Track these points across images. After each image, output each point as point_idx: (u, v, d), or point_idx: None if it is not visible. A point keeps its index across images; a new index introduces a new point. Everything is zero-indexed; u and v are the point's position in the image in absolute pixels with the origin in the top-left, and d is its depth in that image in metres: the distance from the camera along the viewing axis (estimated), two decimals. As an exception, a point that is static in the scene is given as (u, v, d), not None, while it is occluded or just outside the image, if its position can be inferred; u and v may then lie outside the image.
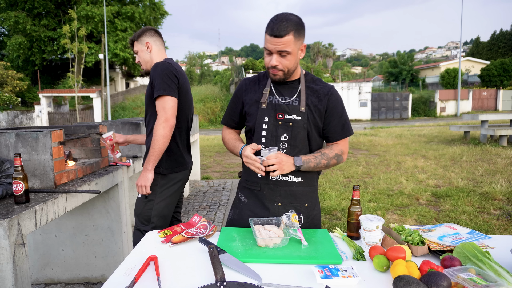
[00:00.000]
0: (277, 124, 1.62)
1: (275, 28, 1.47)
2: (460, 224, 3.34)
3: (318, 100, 1.65)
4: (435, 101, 28.08)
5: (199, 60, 57.10)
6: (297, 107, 1.62)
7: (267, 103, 1.64)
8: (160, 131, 2.02)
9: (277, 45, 1.49)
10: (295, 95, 1.64)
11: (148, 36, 2.27)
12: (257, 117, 1.64)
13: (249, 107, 1.69)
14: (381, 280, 1.15)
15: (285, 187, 1.65)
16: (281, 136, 1.62)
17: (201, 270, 1.22)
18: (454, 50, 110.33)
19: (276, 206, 1.66)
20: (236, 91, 1.78)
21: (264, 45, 1.54)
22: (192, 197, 5.66)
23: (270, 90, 1.66)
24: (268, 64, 1.55)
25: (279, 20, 1.48)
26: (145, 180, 2.09)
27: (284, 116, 1.62)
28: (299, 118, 1.61)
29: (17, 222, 1.61)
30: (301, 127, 1.62)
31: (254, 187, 1.70)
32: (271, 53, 1.53)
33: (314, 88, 1.67)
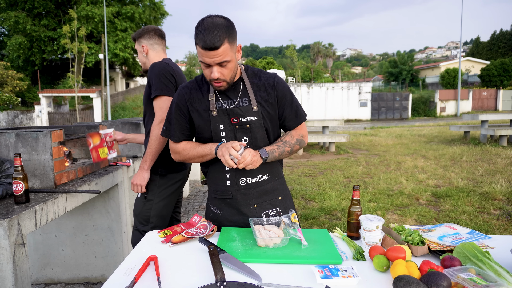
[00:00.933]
0: (234, 129, 1.56)
1: (207, 41, 1.35)
2: (460, 224, 3.34)
3: (267, 94, 1.59)
4: (435, 101, 28.09)
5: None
6: (249, 107, 1.56)
7: (217, 110, 1.55)
8: (157, 131, 2.02)
9: (215, 58, 1.39)
10: (239, 94, 1.57)
11: (146, 38, 2.25)
12: (212, 126, 1.55)
13: (199, 117, 1.57)
14: (381, 280, 1.15)
15: (256, 188, 1.63)
16: (241, 140, 1.57)
17: (201, 270, 1.22)
18: (454, 50, 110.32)
19: (252, 209, 1.64)
20: (177, 102, 1.61)
21: (200, 58, 1.43)
22: (192, 197, 5.65)
23: (215, 96, 1.57)
24: (209, 77, 1.46)
25: (208, 30, 1.36)
26: (141, 179, 2.09)
27: (239, 119, 1.55)
28: (254, 119, 1.56)
29: (17, 222, 1.61)
30: (259, 126, 1.57)
31: (225, 196, 1.64)
32: (209, 65, 1.43)
33: (259, 83, 1.61)
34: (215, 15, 1.43)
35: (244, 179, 1.62)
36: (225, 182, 1.63)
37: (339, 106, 26.33)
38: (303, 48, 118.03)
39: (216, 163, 1.62)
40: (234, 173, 1.61)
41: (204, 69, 1.47)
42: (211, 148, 1.54)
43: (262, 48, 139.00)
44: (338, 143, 11.29)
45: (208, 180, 1.74)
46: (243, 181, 1.61)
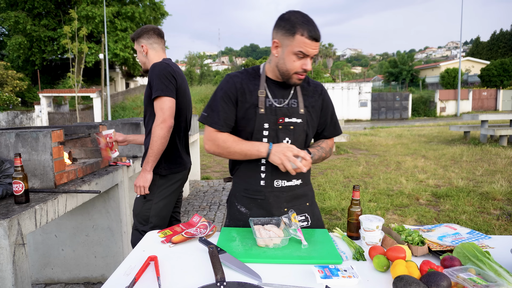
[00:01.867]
0: (278, 129, 1.54)
1: (313, 31, 1.38)
2: (460, 224, 3.34)
3: (314, 100, 1.62)
4: (435, 101, 28.09)
5: (199, 60, 57.11)
6: (296, 109, 1.56)
7: (265, 108, 1.52)
8: (158, 131, 2.02)
9: (316, 49, 1.42)
10: (289, 96, 1.57)
11: (145, 38, 2.25)
12: (256, 124, 1.52)
13: (245, 111, 1.53)
14: (381, 280, 1.15)
15: (289, 192, 1.62)
16: (283, 141, 1.55)
17: (201, 270, 1.22)
18: (454, 50, 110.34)
19: (283, 212, 1.63)
20: (225, 89, 1.54)
21: (298, 49, 1.40)
22: (192, 197, 5.65)
23: (265, 93, 1.55)
24: (300, 68, 1.44)
25: (312, 22, 1.40)
26: (143, 180, 2.09)
27: (284, 119, 1.54)
28: (299, 121, 1.56)
29: (17, 222, 1.61)
30: (302, 130, 1.57)
31: (257, 196, 1.61)
32: (304, 56, 1.42)
33: (308, 88, 1.64)
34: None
35: (280, 182, 1.59)
36: (259, 182, 1.59)
37: (339, 106, 26.32)
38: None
39: (250, 162, 1.57)
40: (270, 174, 1.57)
41: (295, 61, 1.43)
42: (259, 149, 1.47)
43: (262, 48, 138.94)
44: (338, 143, 11.29)
45: (236, 177, 1.68)
46: (278, 183, 1.59)
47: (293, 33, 1.40)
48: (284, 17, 1.44)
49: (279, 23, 1.45)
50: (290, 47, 1.42)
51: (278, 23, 1.46)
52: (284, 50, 1.45)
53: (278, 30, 1.45)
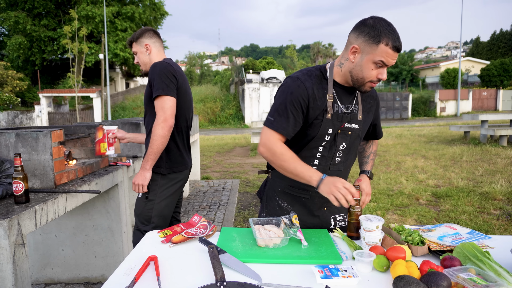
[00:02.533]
0: (337, 133, 1.51)
1: (398, 42, 1.33)
2: (460, 224, 3.34)
3: (370, 106, 1.63)
4: (435, 101, 28.08)
5: (199, 60, 57.08)
6: (355, 115, 1.53)
7: (332, 113, 1.48)
8: (158, 131, 2.02)
9: (395, 60, 1.37)
10: (354, 102, 1.55)
11: (147, 37, 2.26)
12: (321, 128, 1.47)
13: (314, 116, 1.47)
14: (381, 280, 1.15)
15: None
16: (339, 145, 1.53)
17: (201, 270, 1.22)
18: (454, 50, 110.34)
19: (323, 211, 1.66)
20: (296, 95, 1.45)
21: (379, 58, 1.34)
22: (192, 197, 5.65)
23: (334, 98, 1.50)
24: (375, 77, 1.39)
25: (396, 33, 1.34)
26: (142, 179, 2.09)
27: (344, 125, 1.51)
28: (356, 127, 1.55)
29: (17, 222, 1.61)
30: (357, 135, 1.57)
31: (302, 194, 1.61)
32: (383, 66, 1.37)
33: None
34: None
35: None
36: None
37: (339, 106, 26.28)
38: (303, 48, 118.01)
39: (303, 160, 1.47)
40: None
41: (373, 70, 1.38)
42: (311, 176, 1.39)
43: (262, 48, 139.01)
44: None
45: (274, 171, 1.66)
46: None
47: (377, 42, 1.33)
48: (368, 23, 1.35)
49: (362, 29, 1.36)
50: (372, 55, 1.35)
51: (360, 28, 1.37)
52: (363, 57, 1.38)
53: (360, 35, 1.36)
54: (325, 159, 1.55)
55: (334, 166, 1.58)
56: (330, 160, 1.56)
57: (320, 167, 1.56)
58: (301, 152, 1.54)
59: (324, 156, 1.54)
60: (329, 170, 1.57)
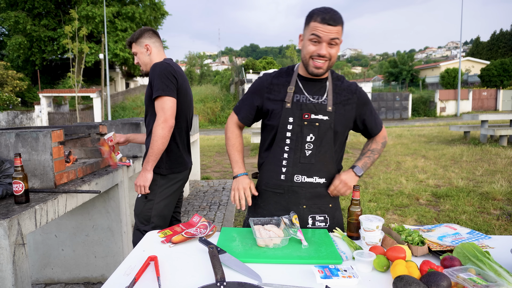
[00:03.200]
0: (303, 125, 1.56)
1: (327, 17, 1.42)
2: (460, 224, 3.34)
3: (347, 98, 1.62)
4: (435, 101, 28.08)
5: (199, 60, 57.08)
6: (324, 106, 1.57)
7: (292, 102, 1.57)
8: (159, 131, 2.02)
9: (330, 33, 1.43)
10: (325, 94, 1.59)
11: (147, 37, 2.25)
12: (281, 117, 1.57)
13: (272, 106, 1.60)
14: (381, 280, 1.15)
15: (310, 189, 1.62)
16: (306, 137, 1.57)
17: (201, 270, 1.22)
18: (454, 50, 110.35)
19: (301, 208, 1.63)
20: (256, 85, 1.67)
21: (312, 32, 1.45)
22: (192, 197, 5.65)
23: (295, 88, 1.59)
24: (315, 53, 1.47)
25: (329, 10, 1.45)
26: (144, 180, 2.09)
27: (310, 116, 1.56)
28: (325, 118, 1.56)
29: (17, 222, 1.61)
30: (328, 127, 1.57)
31: (276, 190, 1.64)
32: (319, 41, 1.45)
33: (341, 86, 1.64)
34: None
35: (300, 177, 1.61)
36: (280, 176, 1.62)
37: (339, 106, 26.29)
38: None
39: (274, 156, 1.63)
40: (291, 168, 1.60)
41: (309, 46, 1.48)
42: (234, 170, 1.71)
43: (262, 48, 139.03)
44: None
45: (261, 171, 1.73)
46: (298, 178, 1.61)
47: (309, 22, 1.48)
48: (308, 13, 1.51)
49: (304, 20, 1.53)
50: (307, 35, 1.49)
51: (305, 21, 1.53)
52: (304, 40, 1.52)
53: (304, 26, 1.53)
54: (293, 151, 1.59)
55: (305, 158, 1.59)
56: (299, 152, 1.58)
57: (290, 160, 1.59)
58: (272, 147, 1.64)
59: (292, 149, 1.59)
60: (300, 163, 1.59)
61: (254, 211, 1.73)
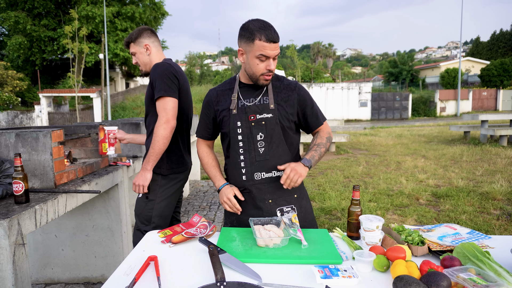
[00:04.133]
0: (251, 126, 1.67)
1: (270, 35, 1.53)
2: (460, 224, 3.34)
3: (287, 96, 1.71)
4: (435, 101, 28.08)
5: (199, 60, 57.10)
6: (267, 105, 1.67)
7: (237, 108, 1.68)
8: (161, 132, 2.01)
9: (275, 50, 1.55)
10: (260, 95, 1.70)
11: (146, 37, 2.23)
12: (230, 123, 1.68)
13: (222, 115, 1.73)
14: (381, 280, 1.15)
15: (271, 184, 1.70)
16: (256, 136, 1.67)
17: (201, 270, 1.22)
18: (454, 50, 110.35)
19: (267, 204, 1.70)
20: (205, 103, 1.80)
21: (259, 53, 1.54)
22: (192, 197, 5.66)
23: (238, 95, 1.71)
24: (264, 69, 1.59)
25: (269, 27, 1.54)
26: (143, 179, 2.09)
27: (255, 116, 1.67)
28: (270, 116, 1.66)
29: (17, 222, 1.61)
30: (274, 123, 1.66)
31: (242, 191, 1.73)
32: (267, 58, 1.56)
33: (280, 85, 1.74)
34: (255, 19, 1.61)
35: (259, 174, 1.69)
36: (241, 177, 1.71)
37: (339, 106, 26.32)
38: (303, 48, 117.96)
39: (232, 159, 1.73)
40: (249, 168, 1.69)
41: (259, 64, 1.58)
42: (216, 184, 1.78)
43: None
44: (338, 143, 11.29)
45: (227, 177, 1.82)
46: (258, 175, 1.69)
47: (252, 39, 1.54)
48: (244, 27, 1.59)
49: (241, 33, 1.60)
50: (252, 52, 1.57)
51: (240, 32, 1.61)
52: (248, 56, 1.60)
53: (241, 39, 1.60)
54: (247, 152, 1.68)
55: (259, 156, 1.68)
56: (253, 152, 1.68)
57: (247, 161, 1.68)
58: (228, 153, 1.76)
59: (246, 150, 1.69)
60: (256, 161, 1.68)
61: (229, 213, 1.80)
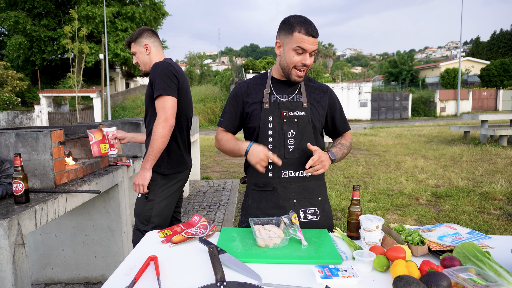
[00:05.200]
0: (282, 122, 1.64)
1: (310, 29, 1.52)
2: (460, 224, 3.34)
3: (320, 96, 1.72)
4: (435, 101, 28.08)
5: (199, 60, 57.11)
6: (300, 103, 1.66)
7: (269, 103, 1.65)
8: (159, 130, 2.02)
9: (313, 45, 1.55)
10: (294, 93, 1.69)
11: (146, 37, 2.26)
12: (261, 117, 1.64)
13: (251, 108, 1.68)
14: (381, 280, 1.15)
15: (298, 183, 1.68)
16: (287, 133, 1.64)
17: (201, 270, 1.22)
18: (454, 50, 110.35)
19: (291, 203, 1.67)
20: (234, 94, 1.74)
21: (297, 45, 1.53)
22: (192, 197, 5.65)
23: (271, 90, 1.68)
24: (299, 62, 1.57)
25: (309, 21, 1.55)
26: (143, 178, 2.09)
27: (288, 113, 1.64)
28: (303, 114, 1.65)
29: (17, 222, 1.61)
30: (306, 122, 1.66)
31: (266, 188, 1.69)
32: (303, 52, 1.55)
33: (313, 86, 1.75)
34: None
35: (286, 172, 1.67)
36: (267, 174, 1.67)
37: (339, 106, 26.28)
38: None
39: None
40: (276, 165, 1.65)
41: (295, 56, 1.56)
42: (240, 148, 1.62)
43: (262, 48, 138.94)
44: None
45: (248, 174, 1.77)
46: (285, 173, 1.67)
47: (291, 32, 1.54)
48: (284, 20, 1.59)
49: (281, 26, 1.60)
50: (290, 44, 1.56)
51: (280, 26, 1.61)
52: (285, 48, 1.59)
53: (280, 32, 1.60)
54: (277, 148, 1.65)
55: (289, 154, 1.65)
56: (282, 148, 1.65)
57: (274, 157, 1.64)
58: None
59: (275, 146, 1.65)
60: (285, 159, 1.65)
61: (247, 212, 1.76)
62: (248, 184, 1.79)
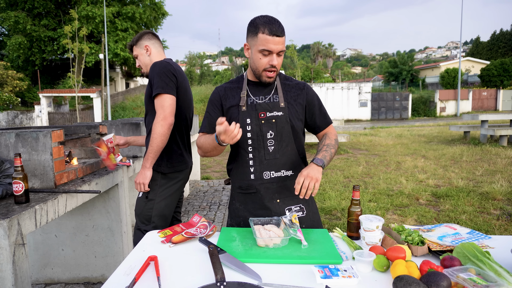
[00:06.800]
0: (260, 123, 1.64)
1: (274, 29, 1.50)
2: (460, 224, 3.34)
3: (297, 95, 1.71)
4: (435, 101, 28.08)
5: (199, 60, 57.13)
6: (277, 103, 1.66)
7: (246, 105, 1.66)
8: (158, 129, 2.02)
9: (279, 45, 1.52)
10: (271, 93, 1.68)
11: (147, 39, 2.30)
12: (239, 120, 1.64)
13: (230, 112, 1.69)
14: (381, 280, 1.15)
15: (280, 183, 1.68)
16: (266, 134, 1.64)
17: (201, 270, 1.22)
18: (454, 50, 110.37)
19: (275, 203, 1.68)
20: (212, 99, 1.73)
21: (261, 47, 1.52)
22: (192, 197, 5.65)
23: (247, 92, 1.68)
24: (267, 64, 1.56)
25: (273, 21, 1.51)
26: (143, 177, 2.10)
27: (266, 114, 1.65)
28: (280, 114, 1.65)
29: (17, 222, 1.61)
30: (284, 121, 1.65)
31: (249, 190, 1.70)
32: (270, 53, 1.54)
33: (290, 84, 1.74)
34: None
35: (268, 173, 1.67)
36: (249, 176, 1.68)
37: (339, 106, 26.32)
38: (303, 48, 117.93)
39: (239, 160, 1.70)
40: (258, 166, 1.66)
41: (262, 59, 1.56)
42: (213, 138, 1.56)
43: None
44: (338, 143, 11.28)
45: (232, 177, 1.78)
46: (267, 174, 1.67)
47: (256, 33, 1.53)
48: (250, 22, 1.58)
49: (248, 28, 1.59)
50: (256, 46, 1.55)
51: (247, 28, 1.60)
52: (252, 51, 1.58)
53: (247, 34, 1.60)
54: (257, 150, 1.65)
55: (269, 155, 1.66)
56: (262, 150, 1.65)
57: (256, 159, 1.66)
58: (235, 152, 1.72)
59: (255, 148, 1.65)
60: (266, 160, 1.65)
61: (235, 214, 1.76)
62: (232, 187, 1.80)
